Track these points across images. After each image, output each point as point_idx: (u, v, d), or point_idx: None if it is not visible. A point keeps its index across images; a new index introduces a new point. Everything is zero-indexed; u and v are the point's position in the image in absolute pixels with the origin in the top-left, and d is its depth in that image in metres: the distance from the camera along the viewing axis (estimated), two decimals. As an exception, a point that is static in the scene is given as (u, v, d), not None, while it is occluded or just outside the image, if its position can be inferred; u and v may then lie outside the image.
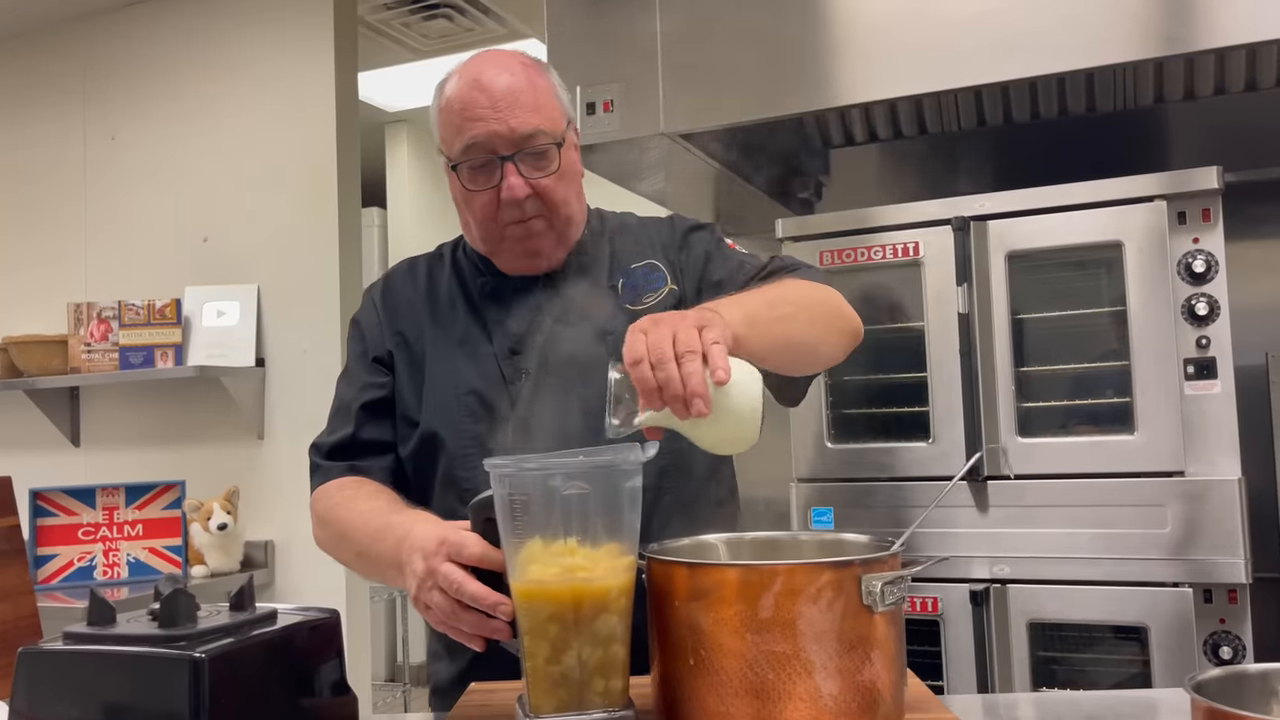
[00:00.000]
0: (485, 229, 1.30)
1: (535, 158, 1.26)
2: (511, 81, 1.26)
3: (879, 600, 0.86)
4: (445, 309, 1.36)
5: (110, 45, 3.61)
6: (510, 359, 1.29)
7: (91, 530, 3.09)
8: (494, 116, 1.23)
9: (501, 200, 1.25)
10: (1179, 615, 1.99)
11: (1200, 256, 2.02)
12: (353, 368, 1.39)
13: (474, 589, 0.95)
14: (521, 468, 0.89)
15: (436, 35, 3.91)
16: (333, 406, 1.39)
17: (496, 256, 1.33)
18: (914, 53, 2.15)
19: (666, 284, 1.32)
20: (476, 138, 1.24)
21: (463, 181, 1.27)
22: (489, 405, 1.27)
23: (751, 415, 0.93)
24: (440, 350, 1.33)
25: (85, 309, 3.30)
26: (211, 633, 0.80)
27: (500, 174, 1.24)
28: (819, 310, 1.19)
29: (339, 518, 1.25)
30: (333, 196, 3.26)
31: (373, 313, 1.40)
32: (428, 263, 1.43)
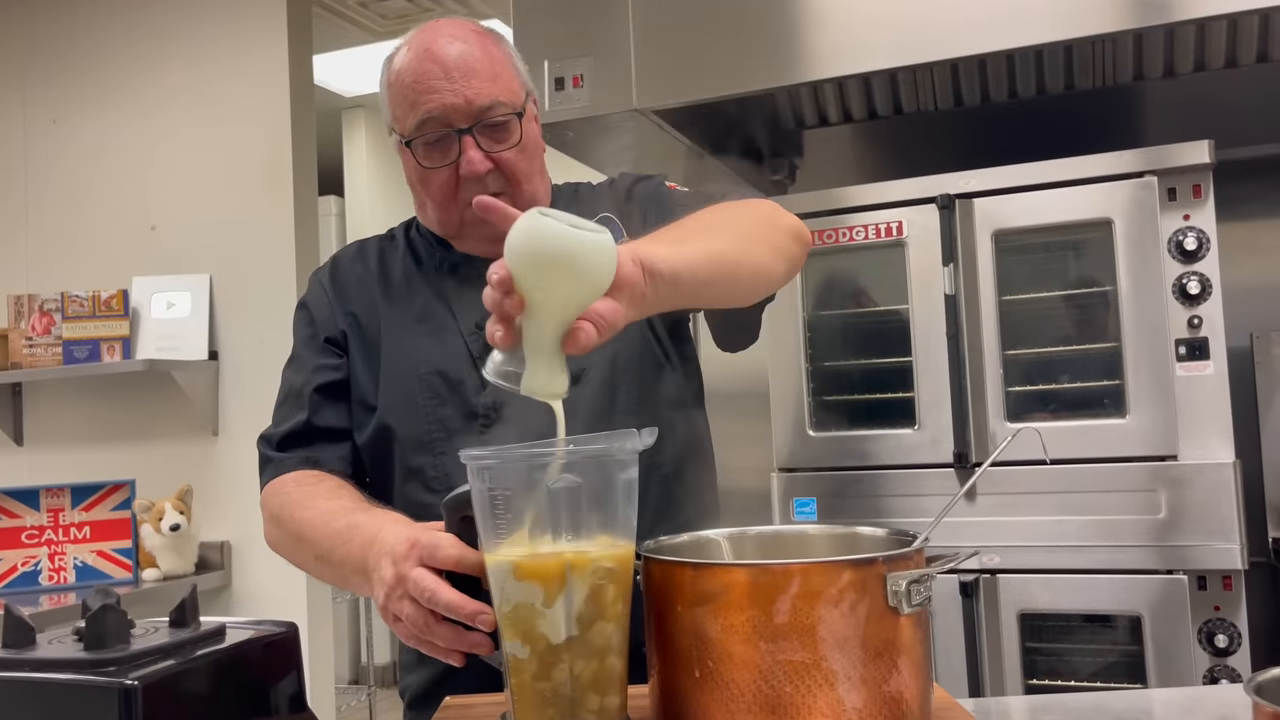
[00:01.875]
0: (444, 211, 1.21)
1: (495, 130, 1.17)
2: (465, 50, 1.17)
3: (905, 601, 0.77)
4: (400, 287, 1.26)
5: (52, 24, 3.44)
6: (476, 334, 1.18)
7: (36, 533, 2.94)
8: (448, 88, 1.15)
9: (461, 177, 1.17)
10: (1173, 603, 1.94)
11: (1191, 234, 1.96)
12: (301, 352, 1.28)
13: (449, 597, 0.84)
14: (503, 458, 0.79)
15: (395, 15, 3.78)
16: (280, 395, 1.29)
17: (457, 241, 1.25)
18: (890, 26, 2.09)
19: (623, 236, 1.22)
20: (431, 111, 1.15)
21: (418, 159, 1.18)
22: (455, 385, 1.18)
23: (550, 242, 0.77)
24: (397, 329, 1.23)
25: (26, 301, 3.14)
26: (146, 655, 0.69)
27: (458, 149, 1.16)
28: (748, 221, 1.07)
29: (295, 517, 1.13)
30: (288, 183, 3.14)
31: (321, 294, 1.30)
32: (378, 244, 1.33)
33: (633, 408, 1.18)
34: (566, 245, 0.77)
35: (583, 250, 0.77)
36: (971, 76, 2.29)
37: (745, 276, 1.04)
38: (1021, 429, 0.92)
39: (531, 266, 0.78)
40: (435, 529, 0.89)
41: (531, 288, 0.78)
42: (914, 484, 2.12)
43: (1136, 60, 2.20)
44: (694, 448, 1.27)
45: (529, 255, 0.78)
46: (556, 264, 0.77)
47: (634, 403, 1.18)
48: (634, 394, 1.19)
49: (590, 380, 1.16)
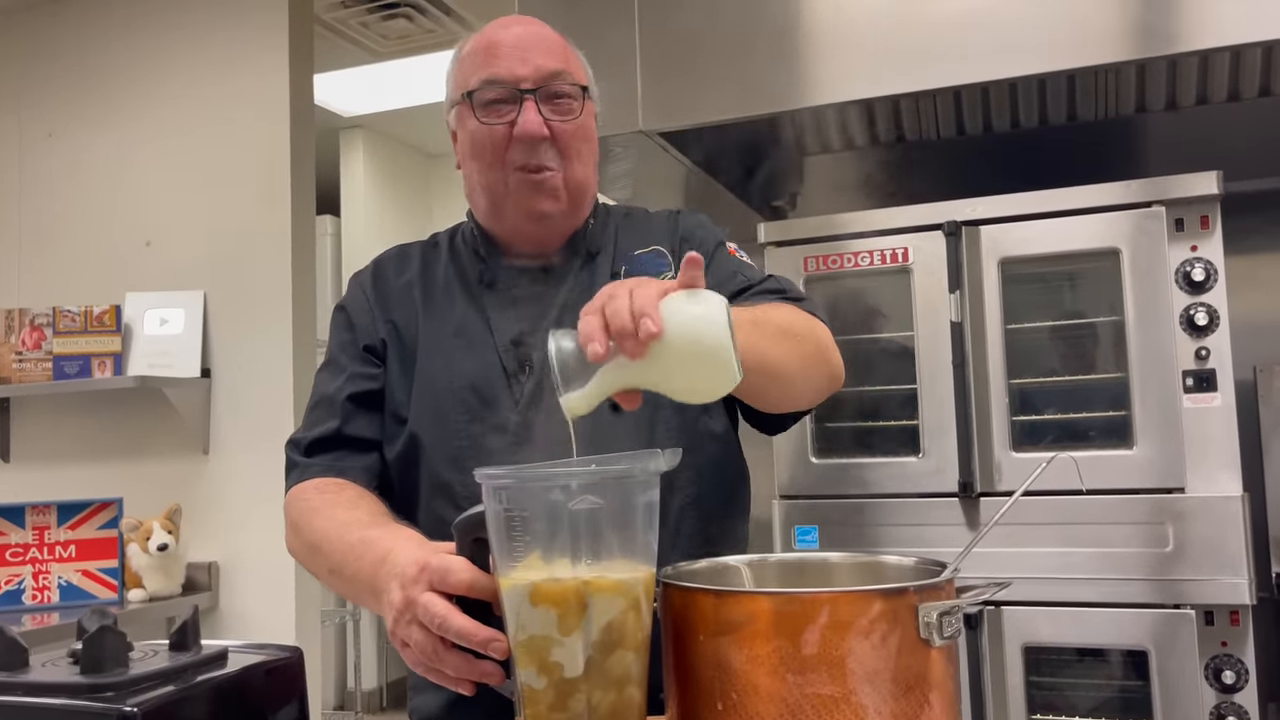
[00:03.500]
0: (490, 175, 1.18)
1: (557, 99, 1.16)
2: (539, 29, 1.20)
3: (937, 633, 0.74)
4: (440, 297, 1.23)
5: (49, 39, 3.42)
6: (512, 350, 1.16)
7: (20, 551, 2.89)
8: (519, 54, 1.16)
9: (514, 137, 1.15)
10: (1179, 638, 1.91)
11: (1199, 265, 1.95)
12: (338, 357, 1.25)
13: (460, 624, 0.81)
14: (521, 478, 0.76)
15: (396, 36, 3.78)
16: (312, 399, 1.25)
17: (499, 215, 1.21)
18: (893, 53, 2.09)
19: (670, 269, 1.21)
20: (497, 71, 1.16)
21: (476, 114, 1.16)
22: (488, 401, 1.15)
23: (718, 343, 0.79)
24: (433, 341, 1.20)
25: (17, 315, 3.10)
26: (146, 680, 0.65)
27: (518, 111, 1.15)
28: (807, 344, 1.08)
29: (313, 526, 1.10)
30: (285, 201, 3.11)
31: (362, 299, 1.26)
32: (421, 250, 1.31)
33: (671, 440, 1.15)
34: (731, 364, 0.79)
35: (734, 370, 0.79)
36: (974, 104, 2.29)
37: (784, 394, 1.08)
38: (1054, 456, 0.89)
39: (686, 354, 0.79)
40: (447, 550, 0.86)
41: (666, 358, 0.79)
42: (918, 513, 2.09)
43: (1139, 92, 2.21)
44: (732, 483, 1.25)
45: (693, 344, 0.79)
46: (710, 361, 0.79)
47: (672, 436, 1.15)
48: (673, 427, 1.16)
49: (626, 415, 1.13)
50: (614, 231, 1.27)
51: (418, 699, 1.19)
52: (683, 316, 0.79)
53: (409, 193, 5.47)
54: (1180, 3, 1.92)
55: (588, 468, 0.77)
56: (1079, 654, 2.02)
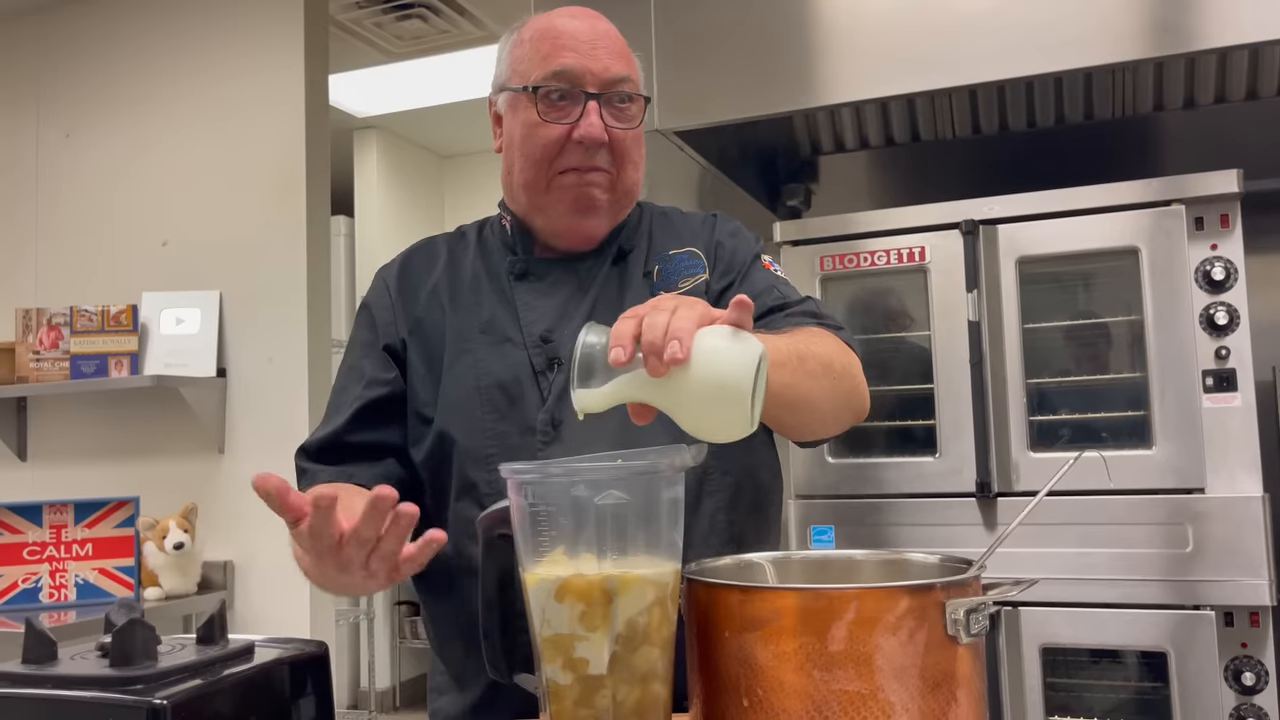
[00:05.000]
0: (536, 171, 1.16)
1: (621, 105, 1.15)
2: (606, 26, 1.18)
3: (964, 630, 0.73)
4: (467, 292, 1.21)
5: (67, 39, 3.44)
6: (540, 347, 1.14)
7: (38, 549, 2.90)
8: (588, 51, 1.14)
9: (572, 139, 1.13)
10: (1199, 640, 1.90)
11: (1219, 264, 1.94)
12: (357, 361, 1.23)
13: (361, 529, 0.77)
14: (546, 473, 0.76)
15: (410, 37, 3.78)
16: (330, 402, 1.24)
17: (540, 211, 1.19)
18: (908, 52, 2.08)
19: (705, 271, 1.20)
20: (567, 65, 1.13)
21: (539, 109, 1.13)
22: (515, 399, 1.13)
23: (738, 392, 0.76)
24: (460, 338, 1.18)
25: (35, 315, 3.11)
26: (175, 673, 0.65)
27: (580, 111, 1.13)
28: (843, 383, 1.08)
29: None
30: (301, 201, 3.12)
31: (385, 295, 1.24)
32: (447, 242, 1.28)
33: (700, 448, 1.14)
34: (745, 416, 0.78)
35: (747, 422, 0.78)
36: (990, 103, 2.28)
37: (808, 427, 1.09)
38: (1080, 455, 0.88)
39: (704, 391, 0.77)
40: None
41: (684, 387, 0.77)
42: (935, 513, 2.08)
43: (1157, 90, 2.20)
44: (768, 484, 1.24)
45: (714, 384, 0.77)
46: (726, 406, 0.77)
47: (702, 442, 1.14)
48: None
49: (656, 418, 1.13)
50: (648, 229, 1.25)
51: (439, 701, 1.18)
52: (714, 354, 0.77)
53: (423, 193, 5.48)
54: (1197, 1, 1.91)
55: (613, 463, 0.76)
56: (1097, 655, 2.01)
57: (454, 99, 4.57)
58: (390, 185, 5.23)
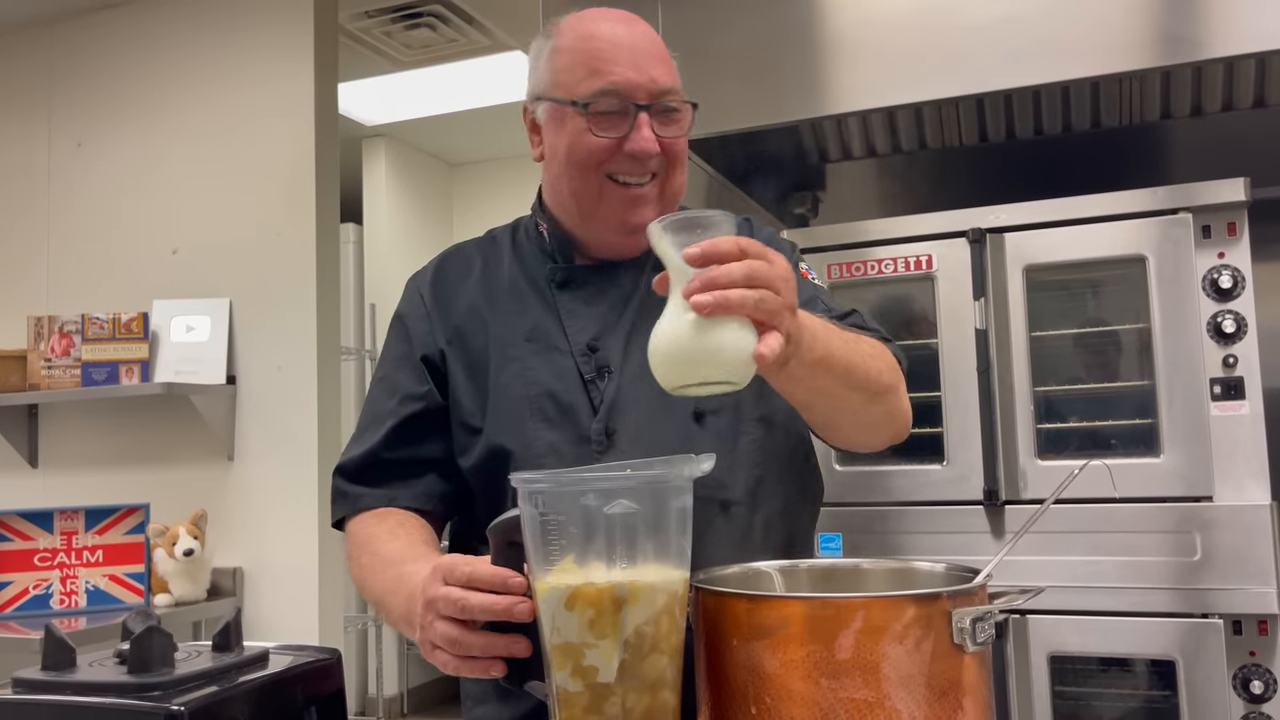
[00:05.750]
0: (585, 180, 1.13)
1: (667, 115, 1.13)
2: (648, 33, 1.16)
3: (970, 639, 0.74)
4: (508, 299, 1.19)
5: (79, 50, 3.47)
6: (588, 355, 1.13)
7: (48, 556, 2.92)
8: (634, 63, 1.11)
9: (624, 152, 1.11)
10: (1207, 648, 1.89)
11: (1226, 272, 1.94)
12: (391, 374, 1.21)
13: (479, 600, 0.82)
14: (556, 482, 0.77)
15: (419, 45, 3.80)
16: (364, 416, 1.22)
17: (586, 220, 1.17)
18: (915, 61, 2.09)
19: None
20: (615, 83, 1.11)
21: (591, 127, 1.11)
22: (566, 408, 1.12)
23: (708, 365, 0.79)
24: (505, 347, 1.16)
25: (46, 322, 3.13)
26: (192, 680, 0.66)
27: (630, 124, 1.11)
28: (885, 399, 1.08)
29: (360, 562, 1.10)
30: (310, 210, 3.14)
31: (420, 306, 1.23)
32: (480, 249, 1.27)
33: (754, 458, 1.15)
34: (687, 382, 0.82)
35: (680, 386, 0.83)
36: (997, 112, 2.29)
37: (840, 431, 1.11)
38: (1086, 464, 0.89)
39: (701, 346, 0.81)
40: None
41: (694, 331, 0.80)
42: (942, 521, 2.09)
43: (1164, 98, 2.20)
44: (815, 494, 1.26)
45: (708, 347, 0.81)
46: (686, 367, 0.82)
47: (755, 448, 1.15)
48: (755, 438, 1.15)
49: (709, 426, 1.13)
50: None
51: (478, 710, 1.17)
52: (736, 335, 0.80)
53: (431, 201, 5.50)
54: (1205, 10, 1.92)
55: (623, 472, 0.77)
56: (1105, 663, 2.01)
57: (462, 107, 4.59)
58: (399, 193, 5.25)
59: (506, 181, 5.45)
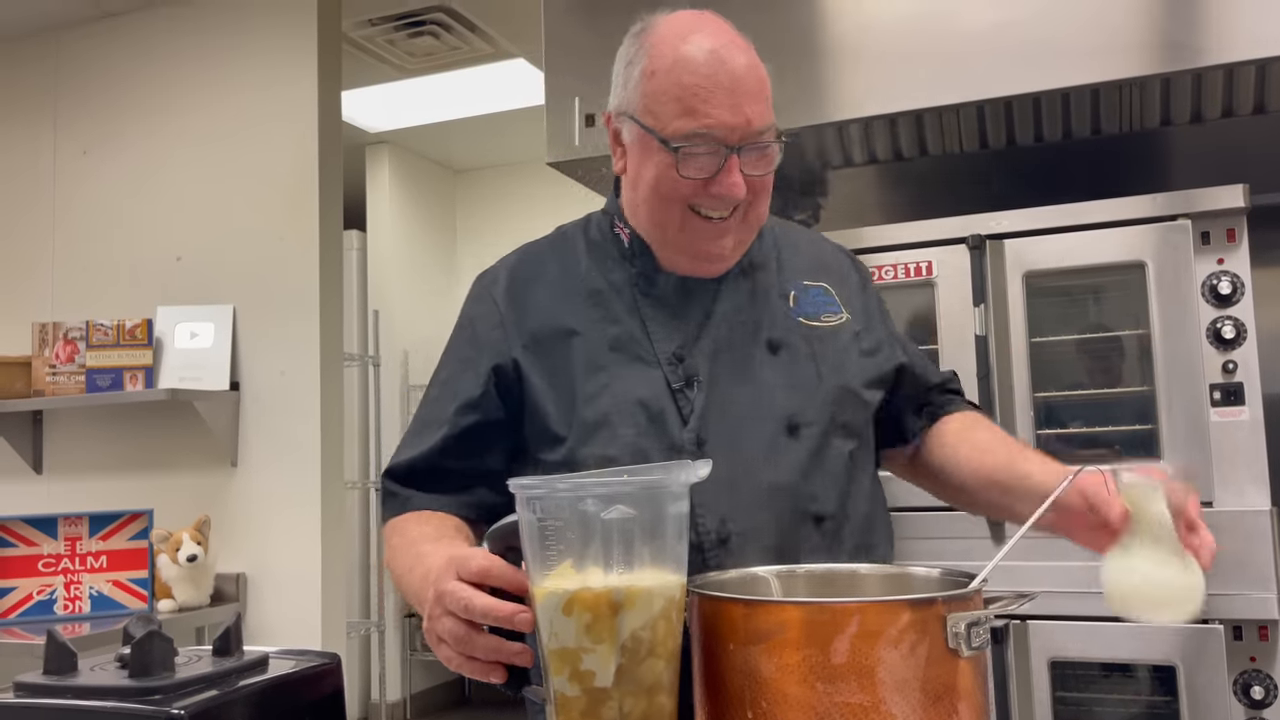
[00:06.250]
0: (667, 212, 1.11)
1: (760, 153, 1.09)
2: (750, 64, 1.10)
3: (965, 643, 0.75)
4: (589, 305, 1.17)
5: (84, 58, 3.49)
6: (675, 365, 1.12)
7: (52, 562, 2.93)
8: (731, 104, 1.06)
9: (711, 193, 1.08)
10: (1208, 653, 1.89)
11: (1226, 278, 1.95)
12: (453, 377, 1.19)
13: (484, 602, 0.82)
14: (554, 488, 0.77)
15: (422, 53, 3.82)
16: (419, 418, 1.20)
17: (664, 244, 1.15)
18: (916, 68, 2.10)
19: (842, 312, 1.21)
20: (711, 128, 1.06)
21: (679, 169, 1.07)
22: (655, 416, 1.10)
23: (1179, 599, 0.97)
24: (589, 353, 1.14)
25: (51, 329, 3.15)
26: (192, 684, 0.67)
27: (719, 164, 1.07)
28: None
29: (391, 544, 1.11)
30: (314, 216, 3.15)
31: (493, 310, 1.19)
32: (552, 250, 1.24)
33: (843, 469, 1.16)
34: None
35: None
36: (997, 119, 2.29)
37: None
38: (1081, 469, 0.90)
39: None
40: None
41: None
42: (942, 526, 2.09)
43: (1164, 105, 2.20)
44: (886, 512, 1.28)
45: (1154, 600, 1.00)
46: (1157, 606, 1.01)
47: (844, 463, 1.16)
48: (843, 455, 1.16)
49: (804, 436, 1.13)
50: (774, 245, 1.24)
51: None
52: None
53: (434, 207, 5.52)
54: (1204, 17, 1.92)
55: (620, 478, 0.78)
56: (1106, 669, 2.01)
57: (465, 114, 4.61)
58: (402, 199, 5.27)
59: (510, 188, 5.47)
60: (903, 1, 2.12)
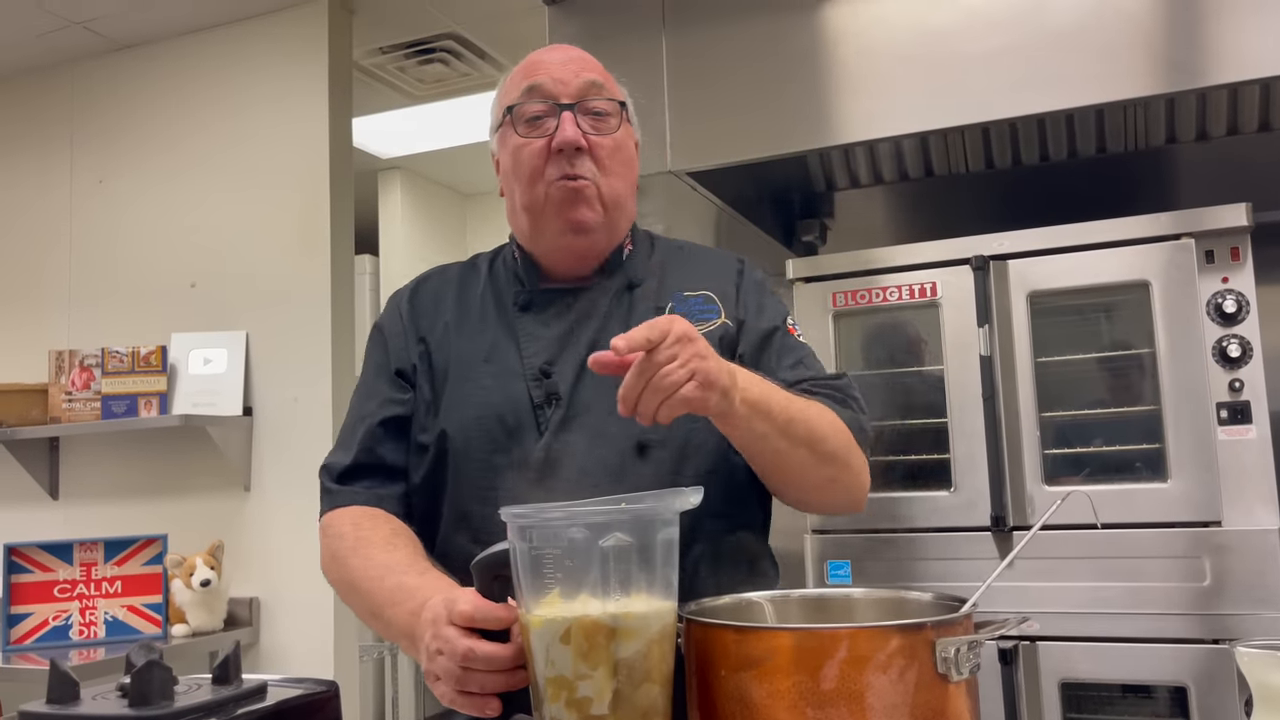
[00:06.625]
0: (531, 191, 1.18)
1: (595, 116, 1.18)
2: (578, 52, 1.23)
3: (955, 668, 0.75)
4: (474, 319, 1.24)
5: (99, 89, 3.55)
6: (540, 381, 1.16)
7: (68, 587, 2.95)
8: (559, 67, 1.19)
9: (552, 150, 1.16)
10: (1219, 674, 1.88)
11: (1230, 296, 1.95)
12: (370, 381, 1.26)
13: (487, 651, 0.85)
14: (548, 517, 0.79)
15: (432, 80, 3.86)
16: (346, 422, 1.27)
17: (539, 232, 1.21)
18: (921, 91, 2.11)
19: (720, 316, 1.21)
20: (538, 81, 1.18)
21: (516, 129, 1.18)
22: (512, 431, 1.14)
23: None
24: (463, 365, 1.20)
25: (67, 356, 3.19)
26: (190, 712, 0.68)
27: (556, 124, 1.16)
28: (830, 464, 1.09)
29: (350, 565, 1.13)
30: (325, 243, 3.18)
31: (398, 320, 1.27)
32: (460, 270, 1.31)
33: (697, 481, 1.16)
34: None
35: None
36: (1002, 140, 2.30)
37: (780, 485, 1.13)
38: (1071, 492, 0.90)
39: None
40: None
41: None
42: (950, 547, 2.09)
43: (1169, 124, 2.21)
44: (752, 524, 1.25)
45: None
46: None
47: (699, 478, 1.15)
48: (698, 477, 1.15)
49: (651, 457, 1.13)
50: (661, 264, 1.26)
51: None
52: None
53: (446, 231, 5.56)
54: (1207, 38, 1.93)
55: (616, 506, 0.79)
56: (1117, 690, 1.99)
57: (475, 139, 4.64)
58: (414, 224, 5.31)
59: (520, 211, 5.50)
60: (906, 25, 2.13)
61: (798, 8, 2.21)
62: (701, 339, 0.93)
